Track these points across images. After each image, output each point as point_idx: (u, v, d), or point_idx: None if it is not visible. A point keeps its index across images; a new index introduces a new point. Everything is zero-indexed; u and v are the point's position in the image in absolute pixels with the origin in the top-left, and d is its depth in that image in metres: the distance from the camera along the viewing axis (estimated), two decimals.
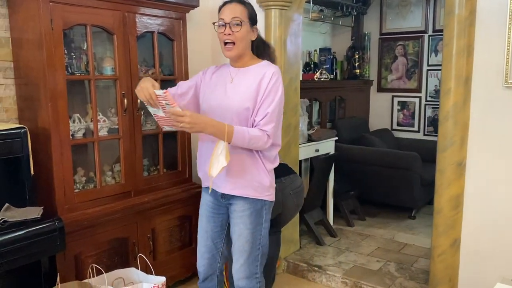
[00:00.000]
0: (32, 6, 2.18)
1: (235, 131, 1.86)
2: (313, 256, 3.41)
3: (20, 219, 2.02)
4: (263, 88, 1.91)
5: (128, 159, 2.58)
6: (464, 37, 2.32)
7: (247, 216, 2.03)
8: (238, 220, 2.05)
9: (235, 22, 1.91)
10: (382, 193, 4.38)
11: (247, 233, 2.04)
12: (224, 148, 1.85)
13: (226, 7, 1.96)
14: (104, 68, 2.54)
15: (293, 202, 2.58)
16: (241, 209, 2.03)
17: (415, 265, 3.26)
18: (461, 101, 2.37)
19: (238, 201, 2.04)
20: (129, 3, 2.49)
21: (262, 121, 1.92)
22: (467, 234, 2.48)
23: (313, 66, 4.74)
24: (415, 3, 5.11)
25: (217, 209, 2.12)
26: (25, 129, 2.13)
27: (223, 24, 1.93)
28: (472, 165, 2.43)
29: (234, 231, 2.08)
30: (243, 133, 1.88)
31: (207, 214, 2.14)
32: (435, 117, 5.13)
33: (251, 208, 2.03)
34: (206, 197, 2.15)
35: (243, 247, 2.05)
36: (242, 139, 1.88)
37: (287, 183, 2.57)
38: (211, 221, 2.14)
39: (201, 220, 2.17)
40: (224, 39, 1.93)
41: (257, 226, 2.06)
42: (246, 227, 2.04)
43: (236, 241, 2.07)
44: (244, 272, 2.08)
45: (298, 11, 3.20)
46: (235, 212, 2.06)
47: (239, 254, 2.07)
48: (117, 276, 2.29)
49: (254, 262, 2.08)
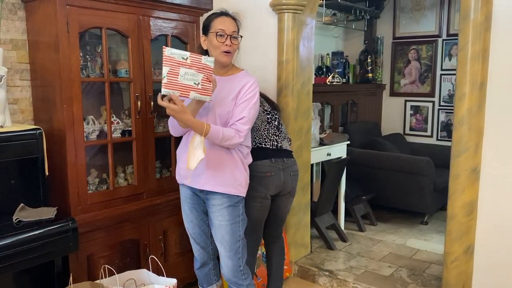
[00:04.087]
0: (49, 9, 2.21)
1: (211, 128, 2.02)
2: (324, 260, 3.39)
3: (34, 219, 2.05)
4: (242, 94, 2.12)
5: (141, 161, 2.60)
6: (479, 42, 2.30)
7: (225, 209, 2.18)
8: (217, 213, 2.20)
9: (235, 36, 2.15)
10: (394, 198, 4.35)
11: (226, 225, 2.19)
12: (200, 142, 2.02)
13: (226, 19, 2.15)
14: (118, 70, 2.56)
15: (291, 185, 2.56)
16: (219, 203, 2.18)
17: (427, 271, 3.23)
18: (476, 106, 2.34)
19: (216, 196, 2.18)
20: (144, 6, 2.51)
21: (239, 122, 2.12)
22: (481, 240, 2.45)
23: (325, 70, 4.73)
24: (429, 7, 5.07)
25: (196, 200, 2.28)
26: (40, 130, 2.16)
27: (223, 35, 2.11)
28: (486, 171, 2.40)
29: (213, 224, 2.23)
30: (218, 130, 2.05)
31: (189, 206, 2.30)
32: (448, 122, 5.08)
33: (228, 202, 2.18)
34: (184, 191, 2.31)
35: (223, 238, 2.21)
36: (217, 135, 2.04)
37: (289, 164, 2.56)
38: (193, 211, 2.30)
39: (184, 212, 2.34)
40: (225, 49, 2.12)
41: (235, 219, 2.21)
42: (225, 219, 2.19)
43: (216, 233, 2.23)
44: (228, 266, 2.24)
45: (311, 15, 3.20)
46: (214, 207, 2.20)
47: (221, 246, 2.23)
48: (129, 277, 2.30)
49: (236, 255, 2.23)
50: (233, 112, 2.13)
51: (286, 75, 3.07)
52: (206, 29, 2.18)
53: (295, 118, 3.13)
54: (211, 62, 1.96)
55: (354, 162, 4.16)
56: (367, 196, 4.21)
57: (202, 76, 1.92)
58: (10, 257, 1.88)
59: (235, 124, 2.11)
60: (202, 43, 2.21)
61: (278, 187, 2.51)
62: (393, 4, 5.27)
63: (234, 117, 2.12)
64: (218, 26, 2.12)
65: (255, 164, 2.43)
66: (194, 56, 1.92)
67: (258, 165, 2.45)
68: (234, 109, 2.13)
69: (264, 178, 2.45)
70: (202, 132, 2.00)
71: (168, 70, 1.88)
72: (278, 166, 2.49)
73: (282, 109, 3.07)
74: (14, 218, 2.04)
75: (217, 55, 2.12)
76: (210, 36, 2.15)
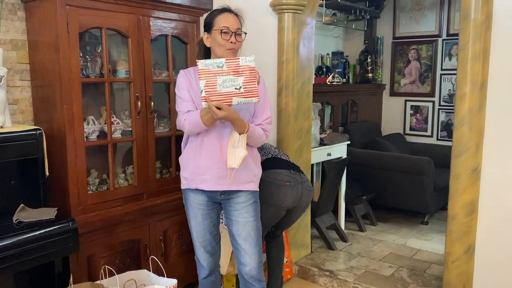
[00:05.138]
0: (49, 9, 2.21)
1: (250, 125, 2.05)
2: (324, 260, 3.39)
3: (34, 220, 2.05)
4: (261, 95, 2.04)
5: (141, 161, 2.60)
6: (480, 42, 2.29)
7: (251, 205, 2.17)
8: (242, 210, 2.16)
9: (239, 33, 2.11)
10: (394, 198, 4.35)
11: (252, 221, 2.17)
12: (241, 139, 2.01)
13: (229, 16, 2.11)
14: (118, 71, 2.56)
15: (306, 199, 2.59)
16: (244, 199, 2.17)
17: (428, 271, 3.23)
18: (477, 106, 2.34)
19: (241, 194, 2.16)
20: (144, 6, 2.51)
21: (265, 122, 2.15)
22: (482, 240, 2.45)
23: (325, 70, 4.72)
24: (429, 7, 5.07)
25: (211, 205, 2.22)
26: (40, 130, 2.16)
27: (227, 32, 2.07)
28: (487, 171, 2.39)
29: (238, 221, 2.18)
30: (254, 128, 2.08)
31: (202, 213, 2.22)
32: (448, 121, 5.08)
33: (253, 198, 2.19)
34: (197, 198, 2.20)
35: (249, 235, 2.17)
36: (253, 133, 2.07)
37: (305, 179, 2.60)
38: (207, 218, 2.23)
39: (196, 220, 2.24)
40: (230, 46, 2.08)
41: (258, 214, 2.21)
42: (251, 215, 2.17)
43: (242, 230, 2.17)
44: (255, 262, 2.20)
45: (311, 14, 3.20)
46: (238, 204, 2.17)
47: (246, 243, 2.18)
48: (129, 277, 2.30)
49: (260, 250, 2.22)
50: (255, 112, 2.14)
51: (287, 75, 3.07)
52: (209, 26, 2.13)
53: (295, 118, 3.12)
54: (251, 61, 1.90)
55: (354, 162, 4.16)
56: (368, 196, 4.21)
57: (244, 78, 1.89)
58: (11, 258, 1.88)
59: (262, 124, 2.14)
60: (205, 41, 2.16)
61: (295, 200, 2.51)
62: (393, 4, 5.27)
63: (259, 118, 2.14)
64: (222, 23, 2.08)
65: (275, 172, 2.45)
66: (230, 61, 1.89)
67: (278, 173, 2.47)
68: (257, 109, 2.14)
69: (283, 187, 2.45)
70: (244, 129, 2.01)
71: (205, 83, 1.86)
72: (297, 179, 2.52)
73: (282, 109, 3.07)
74: (14, 219, 2.03)
75: (222, 53, 2.08)
76: (213, 34, 2.10)
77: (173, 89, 2.75)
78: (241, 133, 2.02)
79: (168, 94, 2.79)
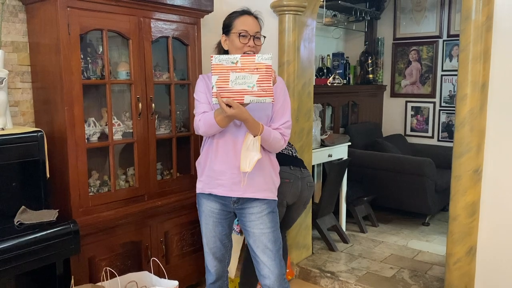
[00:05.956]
0: (50, 11, 2.21)
1: (264, 128, 1.95)
2: (325, 262, 3.39)
3: (35, 222, 2.05)
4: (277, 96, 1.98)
5: (142, 163, 2.60)
6: (480, 43, 2.29)
7: (266, 216, 2.08)
8: (257, 221, 2.07)
9: (257, 36, 2.04)
10: (395, 199, 4.34)
11: (268, 232, 2.07)
12: (255, 141, 1.93)
13: (248, 19, 2.04)
14: (119, 72, 2.56)
15: (307, 195, 2.58)
16: (259, 210, 2.07)
17: (429, 272, 3.22)
18: (478, 107, 2.34)
19: (255, 204, 2.07)
20: (145, 8, 2.51)
21: (283, 126, 2.04)
22: (484, 241, 2.44)
23: (326, 71, 4.73)
24: (429, 8, 5.07)
25: (224, 215, 2.14)
26: (41, 132, 2.16)
27: (245, 35, 2.01)
28: (488, 172, 2.39)
29: (254, 233, 2.08)
30: (269, 131, 1.99)
31: (214, 220, 2.14)
32: (449, 122, 5.08)
33: (268, 208, 2.09)
34: (210, 205, 2.13)
35: (266, 247, 2.07)
36: (268, 136, 1.97)
37: (306, 174, 2.59)
38: (219, 226, 2.15)
39: (207, 227, 2.16)
40: (247, 50, 2.01)
41: (276, 225, 2.11)
42: (267, 226, 2.07)
43: (258, 242, 2.08)
44: (275, 274, 2.09)
45: (312, 16, 3.20)
46: (252, 215, 2.08)
47: (264, 256, 2.08)
48: (130, 279, 2.30)
49: (281, 262, 2.11)
50: (272, 116, 2.05)
51: (287, 77, 3.07)
52: (228, 29, 2.07)
53: (296, 120, 3.12)
54: (267, 58, 1.81)
55: (355, 163, 4.15)
56: (369, 197, 4.21)
57: (258, 76, 1.80)
58: (12, 260, 1.88)
59: (279, 129, 2.04)
60: (223, 43, 2.11)
61: (295, 195, 2.51)
62: (393, 5, 5.27)
63: (277, 121, 2.05)
64: (240, 27, 2.02)
65: None
66: (246, 58, 1.81)
67: None
68: (274, 112, 2.05)
69: (282, 184, 2.42)
70: (258, 131, 1.92)
71: (217, 79, 1.80)
72: (297, 175, 2.51)
73: None
74: (16, 221, 2.03)
75: None
76: (232, 37, 2.04)
77: (174, 91, 2.76)
78: (255, 135, 1.93)
79: (169, 95, 2.79)
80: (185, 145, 2.90)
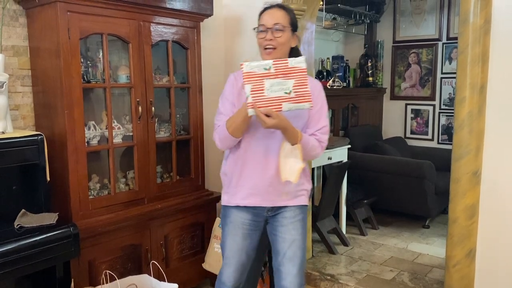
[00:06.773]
0: (50, 15, 2.22)
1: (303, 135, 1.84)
2: (325, 264, 3.39)
3: (36, 225, 2.05)
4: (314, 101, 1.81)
5: (141, 166, 2.60)
6: (479, 45, 2.30)
7: (299, 221, 2.00)
8: (290, 226, 1.98)
9: (277, 28, 1.87)
10: (395, 202, 4.34)
11: (299, 239, 1.98)
12: (294, 149, 1.81)
13: (266, 13, 1.92)
14: (119, 76, 2.57)
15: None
16: (293, 215, 1.99)
17: (429, 275, 3.22)
18: (476, 110, 2.35)
19: (289, 208, 1.99)
20: (145, 12, 2.52)
21: (319, 132, 1.93)
22: (483, 244, 2.44)
23: (325, 74, 4.74)
24: (428, 11, 5.09)
25: (254, 226, 2.03)
26: (41, 136, 2.17)
27: (263, 30, 1.89)
28: (487, 174, 2.40)
29: (284, 239, 1.98)
30: (308, 139, 1.87)
31: (244, 232, 2.02)
32: (449, 125, 5.09)
33: (301, 213, 2.02)
34: (240, 215, 2.00)
35: (295, 255, 1.97)
36: (307, 144, 1.86)
37: None
38: (248, 238, 2.03)
39: (234, 240, 2.02)
40: (265, 44, 1.88)
41: (305, 233, 2.03)
42: (298, 232, 1.99)
43: (288, 249, 1.97)
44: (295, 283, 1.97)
45: (311, 19, 3.21)
46: (286, 219, 1.99)
47: (291, 263, 1.97)
48: (130, 282, 2.29)
49: (303, 271, 2.01)
50: (308, 121, 1.93)
51: None
52: None
53: None
54: (301, 62, 1.71)
55: (355, 166, 4.15)
56: (369, 200, 4.21)
57: (294, 81, 1.69)
58: (12, 263, 1.88)
59: (315, 134, 1.92)
60: None
61: None
62: (393, 8, 5.29)
63: (313, 127, 1.93)
64: (259, 23, 1.91)
65: None
66: (278, 62, 1.70)
67: None
68: (310, 117, 1.92)
69: None
70: (297, 139, 1.80)
71: (251, 88, 1.67)
72: None
73: None
74: (16, 224, 2.04)
75: (262, 55, 1.90)
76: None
77: (174, 94, 2.77)
78: (293, 143, 1.80)
79: (168, 99, 2.80)
80: (185, 148, 2.91)
